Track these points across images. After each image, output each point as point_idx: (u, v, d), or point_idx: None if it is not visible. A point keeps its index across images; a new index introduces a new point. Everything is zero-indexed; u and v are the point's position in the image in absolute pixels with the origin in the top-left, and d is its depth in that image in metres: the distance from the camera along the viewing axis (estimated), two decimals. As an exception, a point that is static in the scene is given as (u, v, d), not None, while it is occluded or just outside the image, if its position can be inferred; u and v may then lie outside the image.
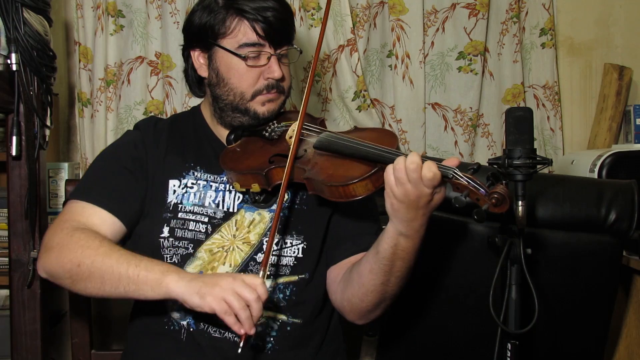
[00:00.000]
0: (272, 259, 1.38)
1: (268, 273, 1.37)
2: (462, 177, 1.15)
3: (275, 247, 1.38)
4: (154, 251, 1.36)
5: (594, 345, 1.64)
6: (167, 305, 1.37)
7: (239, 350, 1.16)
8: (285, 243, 1.39)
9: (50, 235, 1.32)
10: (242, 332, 1.15)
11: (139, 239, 1.39)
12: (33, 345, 1.76)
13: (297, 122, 1.37)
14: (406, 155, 1.16)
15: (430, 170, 1.13)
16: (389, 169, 1.17)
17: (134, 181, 1.39)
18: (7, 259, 1.80)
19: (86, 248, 1.26)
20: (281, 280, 1.38)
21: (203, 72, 1.44)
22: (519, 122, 1.27)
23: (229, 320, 1.15)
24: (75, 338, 2.15)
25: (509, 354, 1.34)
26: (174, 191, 1.40)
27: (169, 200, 1.39)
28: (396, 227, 1.21)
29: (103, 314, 2.47)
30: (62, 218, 1.35)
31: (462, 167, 1.17)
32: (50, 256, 1.29)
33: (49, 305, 1.89)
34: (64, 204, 1.42)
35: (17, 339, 1.75)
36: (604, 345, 1.65)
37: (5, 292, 1.97)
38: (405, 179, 1.14)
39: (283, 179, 1.27)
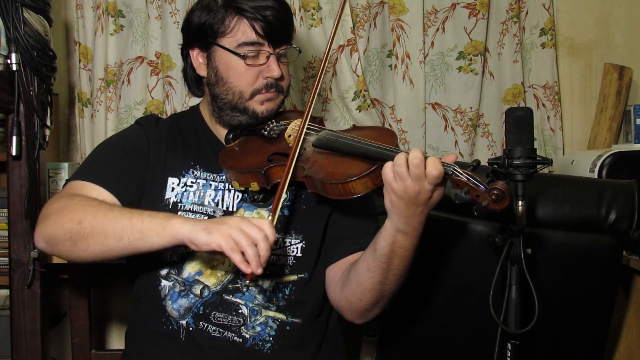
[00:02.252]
0: (272, 258, 1.37)
1: (266, 273, 1.37)
2: (462, 174, 1.15)
3: (274, 247, 1.38)
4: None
5: (594, 345, 1.64)
6: (165, 302, 1.37)
7: (244, 289, 1.18)
8: (284, 242, 1.39)
9: (48, 205, 1.31)
10: (248, 270, 1.14)
11: None
12: (33, 345, 1.76)
13: (297, 120, 1.37)
14: (407, 153, 1.16)
15: (436, 168, 1.13)
16: (388, 164, 1.17)
17: (133, 165, 1.39)
18: (7, 259, 1.80)
19: (87, 206, 1.24)
20: (280, 279, 1.38)
21: (202, 71, 1.44)
22: (519, 122, 1.27)
23: (236, 257, 1.13)
24: (75, 338, 2.15)
25: (509, 354, 1.34)
26: (173, 189, 1.40)
27: (167, 197, 1.39)
28: (394, 224, 1.21)
29: (103, 314, 2.48)
30: (60, 193, 1.35)
31: (461, 166, 1.18)
32: (48, 221, 1.26)
33: (49, 305, 1.89)
34: (63, 186, 1.42)
35: (17, 339, 1.75)
36: (604, 345, 1.65)
37: (5, 292, 1.97)
38: (406, 174, 1.14)
39: (285, 170, 1.27)
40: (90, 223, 1.22)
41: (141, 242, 1.20)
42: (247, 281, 1.17)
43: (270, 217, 1.20)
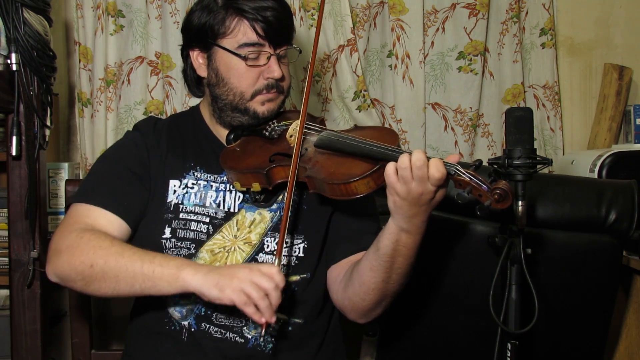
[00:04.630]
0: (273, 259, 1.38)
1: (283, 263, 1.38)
2: (464, 174, 1.15)
3: (275, 247, 1.38)
4: (155, 251, 1.36)
5: (594, 345, 1.64)
6: (167, 305, 1.37)
7: (260, 340, 1.21)
8: (286, 243, 1.39)
9: (58, 239, 1.31)
10: (262, 321, 1.16)
11: (140, 239, 1.39)
12: (33, 345, 1.76)
13: (298, 120, 1.37)
14: (409, 153, 1.16)
15: (438, 170, 1.13)
16: (390, 167, 1.17)
17: (138, 182, 1.39)
18: (7, 259, 1.80)
19: (98, 248, 1.25)
20: (282, 280, 1.38)
21: (202, 72, 1.44)
22: (519, 122, 1.27)
23: (249, 310, 1.15)
24: (75, 338, 2.15)
25: (509, 354, 1.34)
26: (174, 191, 1.40)
27: (169, 200, 1.39)
28: (398, 223, 1.21)
29: (103, 314, 2.47)
30: (69, 221, 1.34)
31: (463, 166, 1.18)
32: (60, 259, 1.27)
33: (49, 305, 1.89)
34: (67, 207, 1.41)
35: (17, 339, 1.75)
36: (604, 345, 1.65)
37: (5, 292, 1.97)
38: (410, 178, 1.14)
39: (289, 173, 1.27)
40: (102, 268, 1.23)
41: (153, 290, 1.22)
42: (263, 331, 1.18)
43: (277, 262, 1.21)
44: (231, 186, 1.40)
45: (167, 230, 1.36)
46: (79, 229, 1.30)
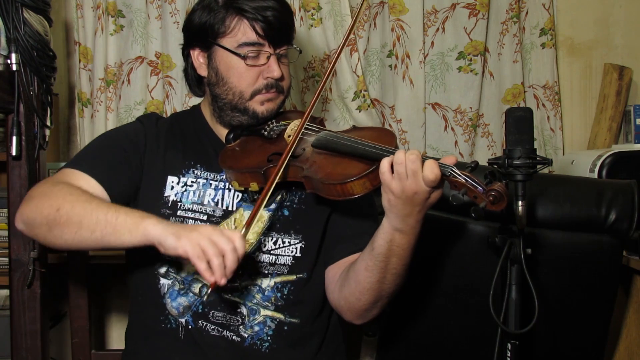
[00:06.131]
0: (271, 258, 1.38)
1: (265, 272, 1.37)
2: (459, 175, 1.15)
3: (273, 246, 1.38)
4: (151, 247, 1.36)
5: (594, 345, 1.64)
6: (165, 301, 1.37)
7: (204, 298, 1.16)
8: (284, 242, 1.39)
9: (34, 188, 1.32)
10: (212, 280, 1.13)
11: None
12: (33, 345, 1.76)
13: (297, 120, 1.37)
14: (405, 151, 1.16)
15: (432, 172, 1.13)
16: (384, 163, 1.17)
17: (127, 159, 1.39)
18: (7, 259, 1.80)
19: (68, 195, 1.25)
20: (279, 279, 1.38)
21: (202, 71, 1.44)
22: (519, 122, 1.27)
23: (201, 266, 1.13)
24: (75, 338, 2.15)
25: (509, 354, 1.34)
26: (172, 187, 1.40)
27: (166, 195, 1.39)
28: (392, 223, 1.21)
29: (103, 314, 2.48)
30: (50, 178, 1.36)
31: (460, 166, 1.18)
32: (30, 204, 1.28)
33: (49, 305, 1.89)
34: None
35: (17, 339, 1.75)
36: (604, 346, 1.65)
37: (5, 292, 1.97)
38: (404, 174, 1.14)
39: (278, 166, 1.26)
40: (67, 212, 1.22)
41: (112, 237, 1.19)
42: (209, 290, 1.15)
43: (243, 231, 1.20)
44: (230, 185, 1.40)
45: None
46: (56, 181, 1.31)
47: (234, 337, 1.35)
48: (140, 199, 1.40)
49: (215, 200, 1.40)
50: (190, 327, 1.36)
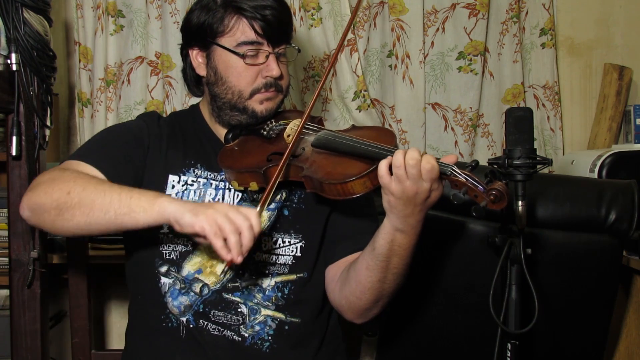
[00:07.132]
0: (271, 257, 1.38)
1: (266, 272, 1.37)
2: (460, 174, 1.15)
3: (273, 246, 1.38)
4: (152, 246, 1.36)
5: (593, 345, 1.64)
6: (166, 299, 1.37)
7: (220, 275, 1.16)
8: (284, 242, 1.39)
9: (40, 176, 1.30)
10: (228, 257, 1.12)
11: (137, 231, 1.38)
12: (33, 345, 1.76)
13: (296, 120, 1.37)
14: (405, 151, 1.16)
15: (428, 162, 1.14)
16: (382, 166, 1.17)
17: (130, 153, 1.39)
18: (7, 259, 1.80)
19: (78, 178, 1.23)
20: (279, 279, 1.38)
21: (201, 70, 1.44)
22: (519, 122, 1.27)
23: (217, 243, 1.12)
24: (75, 338, 2.15)
25: (509, 354, 1.34)
26: (173, 186, 1.40)
27: (167, 194, 1.39)
28: (392, 223, 1.21)
29: (103, 314, 2.48)
30: (54, 167, 1.34)
31: (460, 166, 1.18)
32: (37, 190, 1.25)
33: (49, 305, 1.89)
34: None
35: (17, 339, 1.75)
36: (604, 345, 1.65)
37: (5, 292, 1.97)
38: (404, 176, 1.14)
39: (280, 165, 1.26)
40: (79, 194, 1.20)
41: (127, 217, 1.17)
42: (226, 267, 1.15)
43: (259, 209, 1.19)
44: (229, 185, 1.40)
45: (165, 225, 1.36)
46: (64, 169, 1.30)
47: (234, 336, 1.35)
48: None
49: (216, 199, 1.40)
50: (191, 326, 1.36)
